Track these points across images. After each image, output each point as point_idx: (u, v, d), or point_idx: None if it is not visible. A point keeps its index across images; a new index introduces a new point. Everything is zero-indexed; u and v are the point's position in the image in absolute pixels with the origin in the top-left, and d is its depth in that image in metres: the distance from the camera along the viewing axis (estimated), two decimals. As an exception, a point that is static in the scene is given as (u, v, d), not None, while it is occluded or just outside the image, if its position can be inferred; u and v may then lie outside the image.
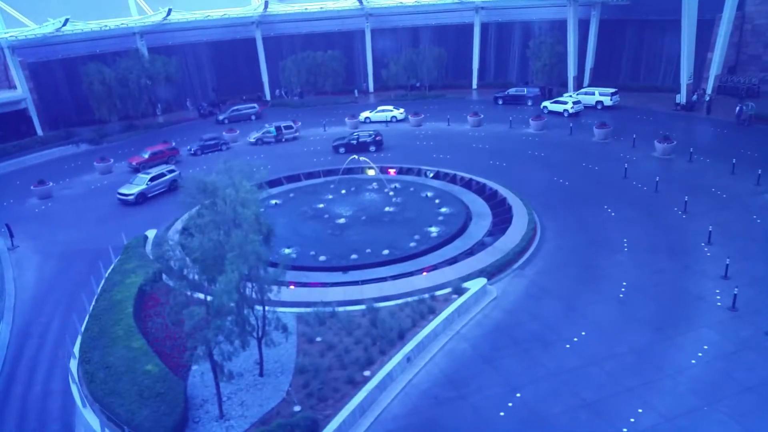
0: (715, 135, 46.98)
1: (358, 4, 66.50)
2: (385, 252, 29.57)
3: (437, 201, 35.56)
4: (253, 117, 60.76)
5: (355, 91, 69.02)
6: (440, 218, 33.26)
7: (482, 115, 54.04)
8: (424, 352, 22.63)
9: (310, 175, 42.37)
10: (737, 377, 20.27)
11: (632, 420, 18.82)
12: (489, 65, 70.71)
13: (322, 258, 29.55)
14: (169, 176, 41.94)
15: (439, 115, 57.61)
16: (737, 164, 38.46)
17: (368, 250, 29.89)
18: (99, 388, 19.96)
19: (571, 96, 56.57)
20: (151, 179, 40.75)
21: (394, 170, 42.07)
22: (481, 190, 37.56)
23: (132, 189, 40.07)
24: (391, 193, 37.15)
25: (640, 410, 19.16)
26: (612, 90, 56.45)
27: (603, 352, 22.18)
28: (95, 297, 26.48)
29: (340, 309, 24.78)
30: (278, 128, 52.47)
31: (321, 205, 35.93)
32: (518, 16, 68.74)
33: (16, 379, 24.12)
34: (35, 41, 55.17)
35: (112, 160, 47.86)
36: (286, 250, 29.96)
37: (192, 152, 49.95)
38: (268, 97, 69.95)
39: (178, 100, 63.74)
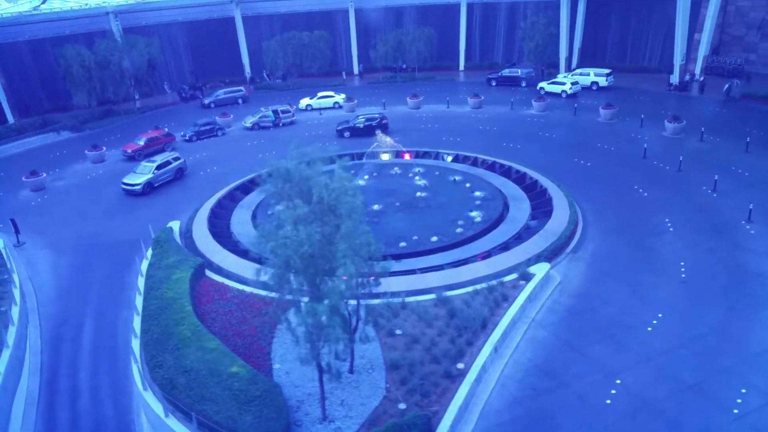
0: (714, 114, 47.84)
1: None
2: (434, 239, 28.66)
3: (468, 185, 34.81)
4: (240, 101, 58.34)
5: (343, 73, 67.25)
6: (477, 202, 32.53)
7: (482, 97, 53.44)
8: (508, 341, 21.98)
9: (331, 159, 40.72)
10: (830, 353, 20.49)
11: (739, 401, 18.72)
12: (474, 46, 70.15)
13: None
14: (175, 164, 39.68)
15: (434, 97, 56.75)
16: (745, 141, 39.28)
17: (415, 237, 28.93)
18: (185, 395, 18.43)
19: (567, 77, 56.63)
20: (158, 167, 38.39)
21: (409, 154, 41.05)
22: (507, 173, 37.01)
23: (138, 178, 37.65)
24: (418, 178, 36.16)
25: (743, 390, 19.09)
26: (607, 71, 56.88)
27: (685, 334, 22.06)
28: (142, 296, 24.61)
29: (410, 299, 23.83)
30: (275, 112, 50.44)
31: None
32: (503, -4, 68.32)
33: (60, 385, 22.08)
34: (6, 21, 51.06)
35: (104, 148, 44.96)
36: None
37: (187, 138, 47.51)
38: (249, 79, 67.31)
39: (155, 83, 60.43)
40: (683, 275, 25.75)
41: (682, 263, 26.63)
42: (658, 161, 38.58)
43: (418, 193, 33.97)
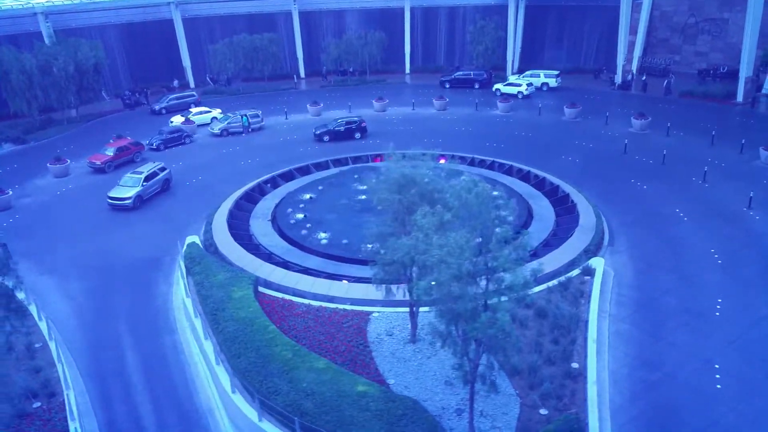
0: (664, 110, 51.09)
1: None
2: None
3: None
4: (193, 106, 55.03)
5: (295, 77, 65.47)
6: (499, 201, 32.73)
7: (447, 99, 54.10)
8: (600, 337, 22.31)
9: (318, 166, 39.51)
10: None
11: (829, 371, 20.20)
12: (417, 50, 70.79)
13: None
14: (161, 174, 36.76)
15: (395, 99, 56.54)
16: (707, 135, 42.68)
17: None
18: (322, 421, 17.02)
19: (520, 78, 58.61)
20: (146, 179, 35.34)
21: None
22: (508, 172, 37.66)
23: (127, 192, 34.43)
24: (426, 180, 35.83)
25: (828, 361, 20.63)
26: (556, 72, 59.51)
27: (751, 315, 23.47)
28: (203, 318, 22.49)
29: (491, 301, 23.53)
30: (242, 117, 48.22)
31: (362, 196, 33.66)
32: (443, 1, 69.48)
33: (124, 426, 19.73)
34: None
35: (69, 161, 40.65)
36: (370, 246, 27.73)
37: (154, 147, 44.16)
38: (192, 84, 63.72)
39: (97, 90, 55.56)
40: (720, 261, 27.39)
41: (713, 250, 28.33)
42: (639, 156, 40.88)
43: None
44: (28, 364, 21.49)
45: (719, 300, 24.48)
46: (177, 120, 49.13)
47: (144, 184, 35.05)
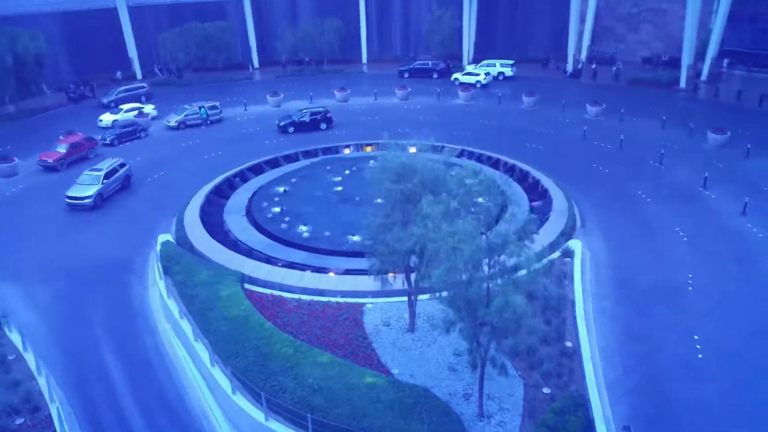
0: (615, 96, 52.23)
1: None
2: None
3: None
4: (143, 98, 53.08)
5: (250, 67, 64.03)
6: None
7: (410, 89, 54.24)
8: (586, 315, 23.01)
9: (287, 158, 38.90)
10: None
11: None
12: (373, 40, 70.41)
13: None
14: (121, 171, 35.38)
15: (355, 89, 56.17)
16: (658, 120, 44.51)
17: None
18: (333, 416, 16.90)
19: (477, 68, 59.31)
20: (106, 177, 33.91)
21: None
22: (479, 160, 38.07)
23: (86, 191, 32.93)
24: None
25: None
26: (511, 62, 60.52)
27: (722, 287, 24.79)
28: (190, 318, 21.88)
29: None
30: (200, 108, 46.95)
31: (339, 188, 33.45)
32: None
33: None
34: None
35: (16, 159, 38.48)
36: (355, 237, 27.75)
37: (108, 142, 42.35)
38: (139, 75, 61.36)
39: (34, 83, 52.56)
40: (685, 238, 28.73)
41: (677, 228, 29.67)
42: (597, 141, 42.22)
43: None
44: (3, 379, 20.30)
45: (690, 275, 25.72)
46: (106, 118, 46.93)
47: (104, 181, 33.62)
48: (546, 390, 18.75)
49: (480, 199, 17.14)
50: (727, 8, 53.40)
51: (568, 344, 20.85)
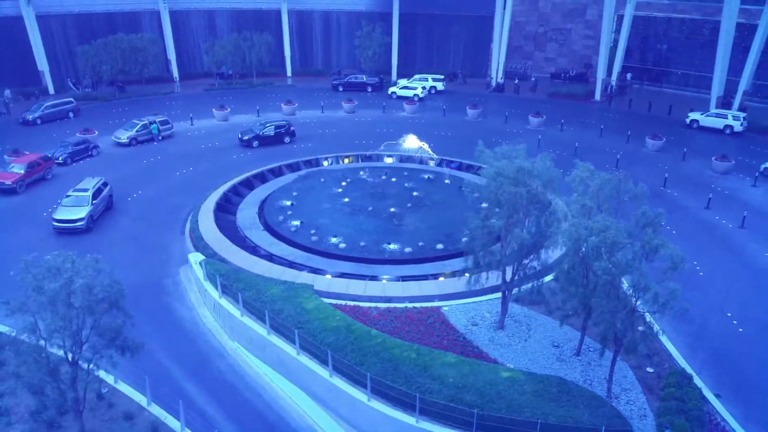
0: (542, 108, 56.46)
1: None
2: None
3: (448, 181, 36.54)
4: (71, 114, 48.79)
5: (177, 81, 60.80)
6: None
7: (356, 102, 54.86)
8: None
9: (271, 172, 37.94)
10: None
11: None
12: (295, 54, 70.05)
13: (439, 246, 28.50)
14: (105, 190, 32.62)
15: (299, 103, 55.61)
16: (593, 129, 49.22)
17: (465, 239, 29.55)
18: (493, 410, 17.39)
19: (412, 82, 61.37)
20: (93, 197, 31.12)
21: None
22: (459, 168, 39.79)
23: (77, 213, 29.98)
24: (384, 176, 36.57)
25: (799, 303, 26.00)
26: (442, 76, 63.32)
27: (723, 270, 28.36)
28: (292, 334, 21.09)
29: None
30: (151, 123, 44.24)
31: (346, 200, 33.37)
32: (317, 5, 69.75)
33: None
34: None
35: (-39, 185, 33.88)
36: (391, 246, 28.13)
37: (60, 161, 38.51)
38: (51, 89, 55.98)
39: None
40: (674, 232, 32.28)
41: (663, 223, 33.19)
42: (553, 149, 45.55)
43: (415, 193, 34.44)
44: (112, 414, 18.29)
45: (695, 262, 29.04)
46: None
47: (93, 202, 30.82)
48: (650, 369, 20.53)
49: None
50: (628, 30, 60.17)
51: (640, 328, 22.81)
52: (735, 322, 24.58)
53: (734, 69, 52.63)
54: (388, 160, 41.26)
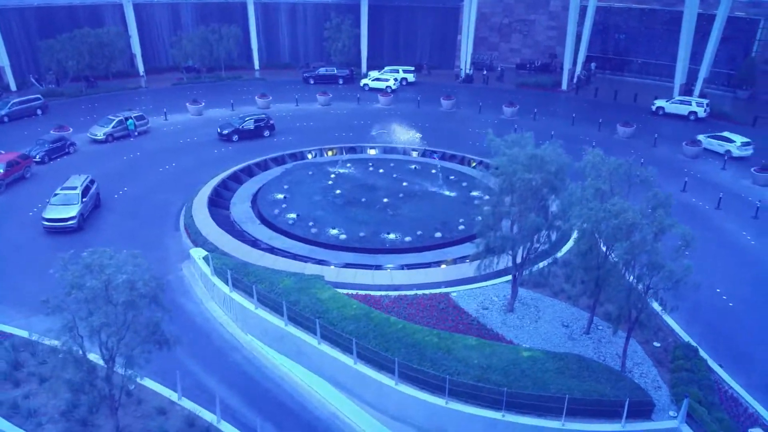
0: (512, 98, 57.48)
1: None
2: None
3: (450, 177, 36.47)
4: (39, 111, 47.22)
5: (144, 75, 59.31)
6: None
7: (330, 95, 54.78)
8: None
9: (258, 166, 37.72)
10: None
11: (784, 283, 27.15)
12: (261, 47, 69.25)
13: (438, 234, 28.97)
14: (93, 188, 31.88)
15: (273, 96, 55.28)
16: (564, 118, 50.57)
17: (462, 227, 29.97)
18: (519, 387, 18.01)
19: (383, 73, 61.61)
20: (83, 194, 30.38)
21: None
22: (443, 158, 40.35)
23: (68, 212, 29.21)
24: (376, 169, 36.89)
25: (778, 277, 27.63)
26: (412, 68, 63.78)
27: (706, 247, 29.79)
28: (312, 324, 21.20)
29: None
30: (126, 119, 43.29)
31: (338, 191, 33.47)
32: (281, -4, 69.23)
33: None
34: None
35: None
36: (390, 235, 28.52)
37: (37, 159, 37.31)
38: (13, 86, 53.90)
39: None
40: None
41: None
42: (529, 138, 46.72)
43: (404, 183, 34.85)
44: (144, 410, 18.12)
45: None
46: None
47: (83, 200, 30.08)
48: (656, 344, 21.55)
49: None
50: (591, 21, 61.88)
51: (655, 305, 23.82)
52: (724, 297, 25.91)
53: (693, 58, 54.86)
54: (372, 152, 41.54)
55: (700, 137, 44.61)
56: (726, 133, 44.30)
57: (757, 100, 57.17)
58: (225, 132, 43.54)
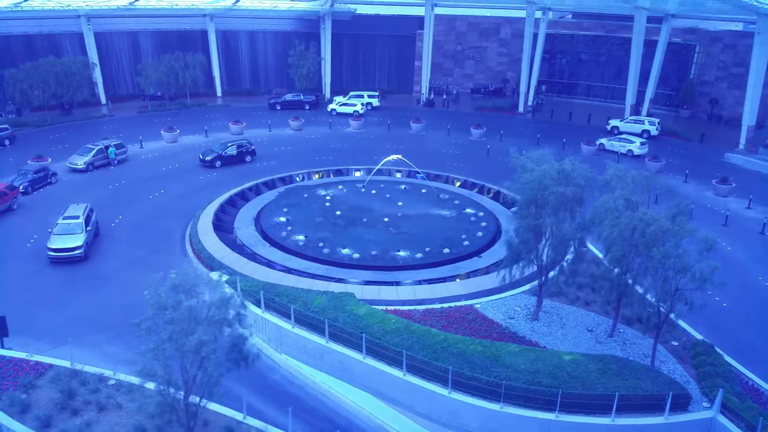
0: (476, 120, 60.09)
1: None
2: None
3: (441, 195, 37.56)
4: (6, 141, 45.55)
5: (109, 103, 57.92)
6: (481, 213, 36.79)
7: (303, 120, 55.39)
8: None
9: (250, 190, 37.85)
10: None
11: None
12: (222, 74, 69.06)
13: (446, 250, 30.04)
14: (93, 217, 31.34)
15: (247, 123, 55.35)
16: (529, 138, 53.29)
17: (466, 242, 31.21)
18: (572, 386, 19.16)
19: (351, 99, 62.73)
20: (86, 223, 29.81)
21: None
22: (428, 177, 41.66)
23: (73, 241, 28.60)
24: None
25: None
26: (377, 93, 65.31)
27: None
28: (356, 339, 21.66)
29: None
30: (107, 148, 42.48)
31: (338, 212, 34.05)
32: (243, 26, 69.49)
33: None
34: None
35: None
36: (401, 253, 29.44)
37: (21, 190, 36.06)
38: (-32, 116, 51.69)
39: None
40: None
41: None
42: (500, 157, 48.38)
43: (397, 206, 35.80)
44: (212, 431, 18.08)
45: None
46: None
47: (87, 229, 29.49)
48: (674, 342, 23.22)
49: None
50: (541, 47, 65.39)
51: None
52: (717, 298, 28.02)
53: (639, 80, 59.04)
54: (357, 174, 42.40)
55: (603, 140, 51.51)
56: (625, 136, 51.94)
57: (697, 118, 61.94)
58: (208, 158, 43.34)
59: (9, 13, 52.83)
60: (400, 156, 40.81)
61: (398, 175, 42.38)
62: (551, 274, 23.90)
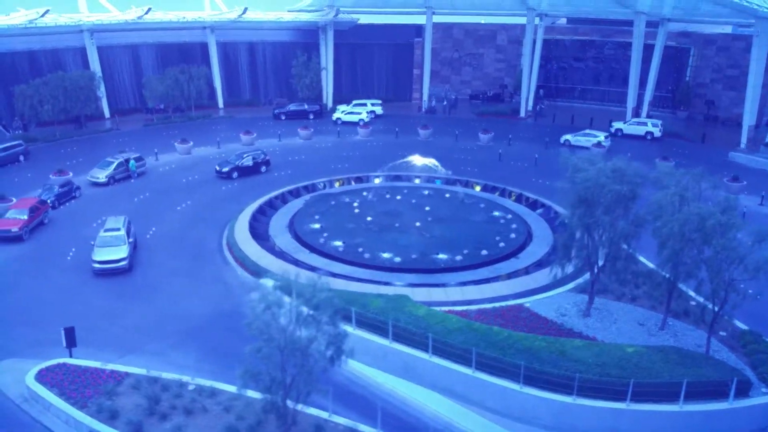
0: (481, 126, 61.32)
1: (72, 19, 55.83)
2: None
3: (465, 200, 38.08)
4: (21, 157, 45.31)
5: (116, 117, 57.69)
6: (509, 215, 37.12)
7: (312, 129, 55.79)
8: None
9: (277, 198, 38.15)
10: None
11: None
12: (223, 85, 69.18)
13: (484, 252, 30.60)
14: (132, 228, 31.62)
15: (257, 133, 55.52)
16: (536, 142, 54.16)
17: (502, 244, 31.88)
18: (639, 376, 19.78)
19: (355, 107, 63.28)
20: (127, 234, 30.07)
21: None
22: (454, 184, 42.26)
23: (118, 253, 29.04)
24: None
25: None
26: (379, 101, 65.95)
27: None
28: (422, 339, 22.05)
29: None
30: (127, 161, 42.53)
31: (369, 218, 34.56)
32: (242, 37, 69.79)
33: None
34: None
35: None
36: (441, 255, 30.01)
37: (49, 204, 35.98)
38: (-26, 132, 51.13)
39: None
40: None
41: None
42: (512, 162, 49.79)
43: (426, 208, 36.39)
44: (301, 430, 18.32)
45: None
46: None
47: (129, 240, 29.64)
48: (722, 333, 23.99)
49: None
50: (540, 52, 66.73)
51: (692, 303, 26.39)
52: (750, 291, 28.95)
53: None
54: (377, 181, 42.88)
55: (568, 136, 54.14)
56: (588, 131, 54.95)
57: (694, 119, 63.63)
58: (225, 169, 43.52)
59: (14, 30, 52.43)
60: (433, 160, 41.27)
61: (417, 180, 42.91)
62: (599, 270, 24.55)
